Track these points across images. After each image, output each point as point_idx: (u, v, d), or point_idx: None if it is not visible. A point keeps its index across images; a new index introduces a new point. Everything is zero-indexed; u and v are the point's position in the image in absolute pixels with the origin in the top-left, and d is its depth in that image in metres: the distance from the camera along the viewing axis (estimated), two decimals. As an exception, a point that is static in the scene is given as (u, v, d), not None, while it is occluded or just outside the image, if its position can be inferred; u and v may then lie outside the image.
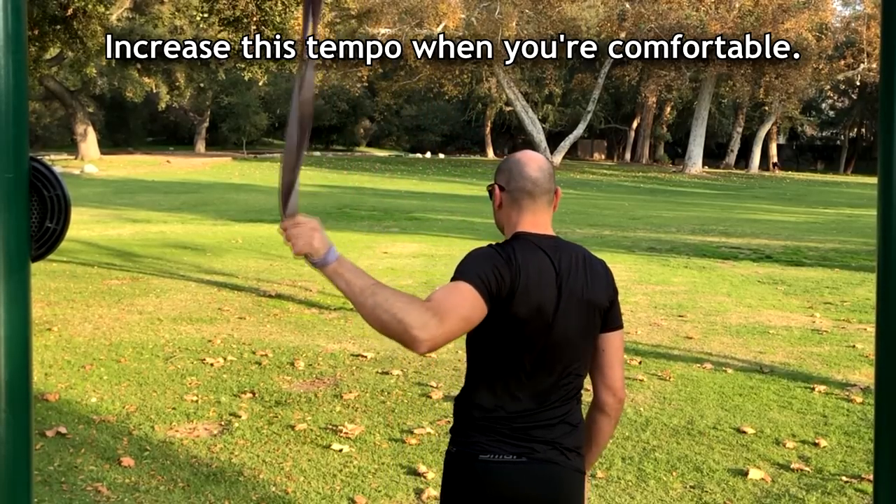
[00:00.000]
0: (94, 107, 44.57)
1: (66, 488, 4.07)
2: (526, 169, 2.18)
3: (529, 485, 2.08)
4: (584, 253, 2.24)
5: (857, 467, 4.46)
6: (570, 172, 39.31)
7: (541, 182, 2.17)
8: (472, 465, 2.09)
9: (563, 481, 2.12)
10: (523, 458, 2.07)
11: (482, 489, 2.09)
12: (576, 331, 2.14)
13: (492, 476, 2.07)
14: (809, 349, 7.08)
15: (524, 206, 2.17)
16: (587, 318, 2.17)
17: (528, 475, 2.08)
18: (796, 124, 55.38)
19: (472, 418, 2.12)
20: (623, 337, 2.26)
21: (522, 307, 2.06)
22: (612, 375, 2.23)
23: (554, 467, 2.10)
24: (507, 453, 2.07)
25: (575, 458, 2.15)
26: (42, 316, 7.75)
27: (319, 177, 31.48)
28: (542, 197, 2.17)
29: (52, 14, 13.39)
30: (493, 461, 2.07)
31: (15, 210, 1.52)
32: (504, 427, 2.09)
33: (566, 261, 2.16)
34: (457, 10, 37.86)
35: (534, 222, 2.18)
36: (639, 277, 10.72)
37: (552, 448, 2.11)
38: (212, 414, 5.20)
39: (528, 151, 2.30)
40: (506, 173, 2.22)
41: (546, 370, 2.12)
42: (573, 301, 2.13)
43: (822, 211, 24.27)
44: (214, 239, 14.10)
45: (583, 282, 2.16)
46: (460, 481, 2.12)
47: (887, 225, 1.46)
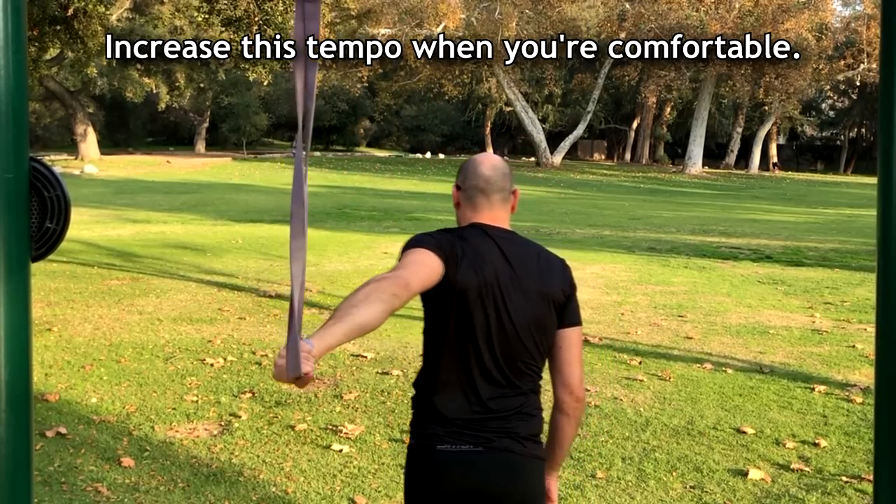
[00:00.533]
0: (94, 107, 44.55)
1: (66, 488, 4.07)
2: (480, 168, 2.26)
3: (487, 473, 2.12)
4: (540, 248, 2.29)
5: (857, 467, 4.46)
6: (569, 172, 39.30)
7: (494, 180, 2.24)
8: (431, 456, 2.13)
9: (520, 468, 2.16)
10: (480, 447, 2.11)
11: (441, 479, 2.13)
12: (527, 321, 2.16)
13: (450, 466, 2.12)
14: (809, 349, 7.08)
15: (478, 202, 2.24)
16: (540, 310, 2.19)
17: (485, 464, 2.12)
18: (796, 124, 55.38)
19: (429, 410, 2.16)
20: (581, 335, 2.28)
21: (469, 288, 2.10)
22: (570, 373, 2.23)
23: (510, 455, 2.14)
24: (464, 443, 2.11)
25: (531, 446, 2.18)
26: (42, 316, 7.75)
27: (319, 177, 31.49)
28: (495, 194, 2.24)
29: (52, 14, 13.39)
30: (450, 451, 2.11)
31: (15, 210, 1.52)
32: (460, 418, 2.13)
33: (517, 252, 2.21)
34: (457, 10, 37.85)
35: (490, 218, 2.24)
36: (639, 277, 10.72)
37: (507, 437, 2.14)
38: (212, 414, 5.19)
39: (485, 153, 2.39)
40: (462, 173, 2.29)
41: (499, 360, 2.14)
42: (524, 291, 2.17)
43: (822, 211, 24.26)
44: (214, 239, 14.10)
45: (535, 273, 2.20)
46: (420, 473, 2.17)
47: (887, 225, 1.46)
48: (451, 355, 2.15)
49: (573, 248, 13.40)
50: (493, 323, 2.13)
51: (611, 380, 6.06)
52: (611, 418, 5.20)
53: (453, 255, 2.10)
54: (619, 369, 6.35)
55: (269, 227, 16.30)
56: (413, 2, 36.76)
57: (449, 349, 2.15)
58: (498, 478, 2.13)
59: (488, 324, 2.12)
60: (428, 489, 2.16)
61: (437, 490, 2.14)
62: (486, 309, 2.12)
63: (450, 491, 2.13)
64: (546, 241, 13.19)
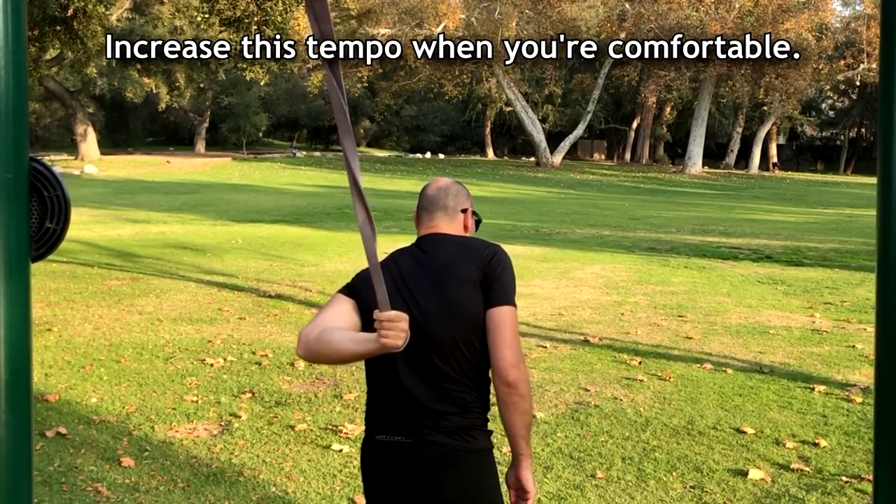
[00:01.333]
0: (94, 107, 44.55)
1: (66, 489, 4.07)
2: (426, 189, 2.41)
3: (416, 465, 2.17)
4: (462, 238, 2.34)
5: (857, 467, 4.46)
6: (569, 172, 39.31)
7: (436, 198, 2.37)
8: (370, 445, 2.24)
9: (450, 462, 2.17)
10: (410, 438, 2.17)
11: (377, 467, 2.23)
12: (437, 306, 2.18)
13: (384, 455, 2.20)
14: (809, 349, 7.08)
15: (421, 219, 2.39)
16: (451, 292, 2.19)
17: (414, 455, 2.17)
18: (796, 124, 55.39)
19: (371, 403, 2.27)
20: (510, 316, 2.19)
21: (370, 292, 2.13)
22: (497, 356, 2.18)
23: (439, 448, 2.16)
24: (398, 434, 2.18)
25: (464, 439, 2.18)
26: (42, 316, 7.75)
27: (320, 177, 31.49)
28: (437, 212, 2.36)
29: (52, 14, 13.39)
30: (385, 441, 2.20)
31: (15, 210, 1.52)
32: (395, 409, 2.20)
33: (432, 246, 2.30)
34: (457, 10, 37.84)
35: (433, 228, 2.36)
36: (639, 277, 10.72)
37: (437, 430, 2.17)
38: (212, 414, 5.19)
39: (439, 178, 2.48)
40: (419, 197, 2.43)
41: (419, 351, 2.15)
42: (432, 277, 2.21)
43: (821, 211, 24.26)
44: (214, 239, 14.10)
45: (445, 258, 2.25)
46: (364, 462, 2.28)
47: (887, 225, 1.46)
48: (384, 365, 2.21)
49: (573, 249, 13.40)
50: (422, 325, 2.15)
51: (611, 380, 6.06)
52: (611, 418, 5.20)
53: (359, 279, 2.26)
54: (619, 369, 6.35)
55: (268, 227, 16.30)
56: (413, 2, 36.75)
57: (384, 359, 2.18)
58: (427, 471, 2.17)
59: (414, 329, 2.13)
60: (370, 478, 2.26)
61: (377, 479, 2.23)
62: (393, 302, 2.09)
63: (386, 480, 2.20)
64: (546, 242, 13.23)
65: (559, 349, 6.94)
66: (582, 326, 7.77)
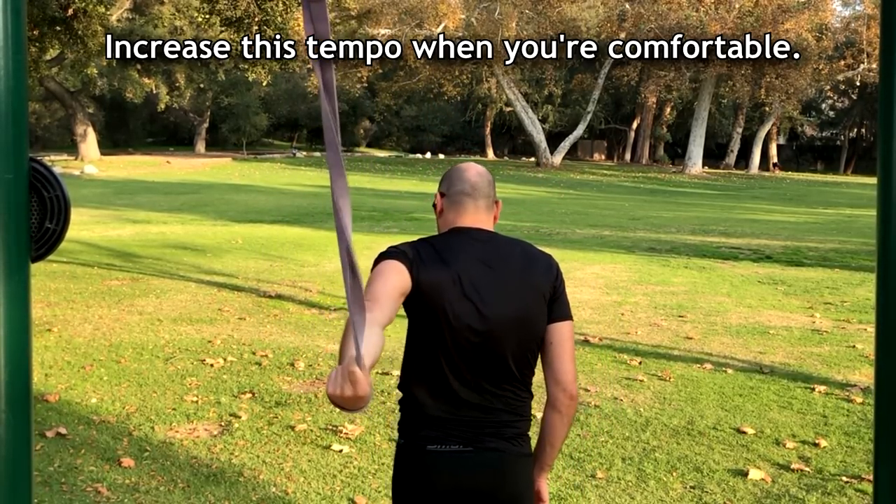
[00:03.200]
0: (93, 107, 44.55)
1: (66, 489, 4.07)
2: (466, 174, 2.27)
3: (475, 472, 2.12)
4: (524, 244, 2.29)
5: (857, 468, 4.46)
6: (569, 173, 39.31)
7: (480, 186, 2.25)
8: (421, 457, 2.13)
9: (508, 467, 2.16)
10: (469, 447, 2.11)
11: (431, 479, 2.13)
12: (508, 317, 2.14)
13: (440, 466, 2.11)
14: (809, 349, 7.08)
15: (464, 207, 2.24)
16: (524, 304, 2.17)
17: (473, 463, 2.12)
18: (796, 124, 55.37)
19: (418, 410, 2.15)
20: (572, 330, 2.24)
21: (438, 286, 2.09)
22: (562, 370, 2.20)
23: (498, 455, 2.14)
24: (454, 443, 2.11)
25: (519, 444, 2.18)
26: (42, 317, 7.75)
27: (320, 177, 31.48)
28: (481, 200, 2.24)
29: (52, 14, 13.40)
30: (440, 451, 2.11)
31: (15, 211, 1.52)
32: (449, 417, 2.13)
33: (496, 249, 2.21)
34: (457, 10, 37.85)
35: (474, 221, 2.24)
36: (639, 278, 10.72)
37: (497, 436, 2.14)
38: (212, 414, 5.19)
39: (469, 163, 2.37)
40: (446, 181, 2.30)
41: (479, 358, 2.13)
42: (504, 287, 2.15)
43: (822, 211, 24.26)
44: (214, 239, 14.10)
45: (517, 268, 2.19)
46: (410, 472, 2.16)
47: (887, 225, 1.46)
48: (430, 355, 2.13)
49: (573, 249, 13.40)
50: (473, 320, 2.10)
51: (611, 380, 6.06)
52: (611, 418, 5.20)
53: (418, 257, 2.10)
54: (619, 369, 6.35)
55: (268, 227, 16.30)
56: (413, 2, 36.75)
57: (427, 349, 2.14)
58: (485, 477, 2.13)
59: (465, 322, 2.10)
60: (418, 489, 2.15)
61: (428, 490, 2.13)
62: (461, 307, 2.10)
63: (440, 490, 2.12)
64: (546, 242, 13.22)
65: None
66: (582, 326, 7.77)
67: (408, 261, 2.09)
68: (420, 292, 2.09)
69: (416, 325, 2.17)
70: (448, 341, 2.11)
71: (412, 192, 26.52)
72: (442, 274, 2.10)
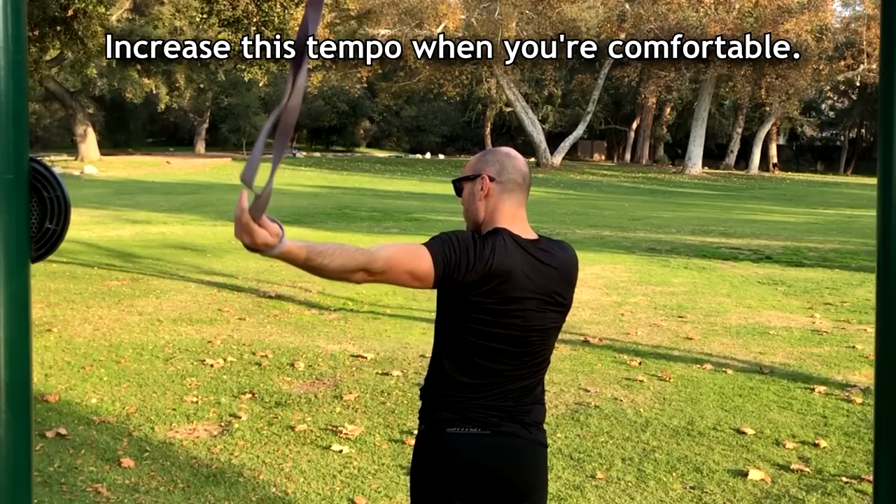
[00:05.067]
0: (93, 108, 44.58)
1: (66, 489, 4.07)
2: (517, 163, 2.32)
3: (492, 455, 2.19)
4: (572, 254, 2.38)
5: (857, 468, 4.46)
6: (569, 173, 39.31)
7: (529, 179, 2.34)
8: (441, 439, 2.19)
9: (524, 453, 2.23)
10: (487, 430, 2.18)
11: (449, 460, 2.19)
12: (546, 325, 2.26)
13: (458, 447, 2.18)
14: (809, 350, 7.08)
15: (515, 198, 2.28)
16: (561, 316, 2.32)
17: (490, 447, 2.19)
18: (796, 125, 55.39)
19: (441, 397, 2.21)
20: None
21: (496, 299, 2.14)
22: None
23: (515, 440, 2.21)
24: (472, 426, 2.18)
25: (535, 432, 2.26)
26: (42, 317, 7.75)
27: (320, 178, 31.50)
28: (527, 193, 2.34)
29: (52, 15, 13.40)
30: (459, 433, 2.18)
31: (15, 211, 1.52)
32: (471, 403, 2.19)
33: (548, 245, 2.28)
34: (456, 10, 37.88)
35: (519, 217, 2.28)
36: (639, 278, 10.72)
37: (513, 422, 2.21)
38: (212, 415, 5.19)
39: (507, 148, 2.39)
40: (495, 164, 2.29)
41: (515, 356, 2.22)
42: (552, 299, 2.25)
43: (821, 211, 24.26)
44: (214, 240, 14.10)
45: (565, 257, 2.31)
46: (429, 455, 2.22)
47: (887, 225, 1.46)
48: (469, 350, 2.18)
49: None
50: (519, 329, 2.18)
51: (611, 380, 6.06)
52: (611, 419, 5.20)
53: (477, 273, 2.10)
54: (619, 370, 6.35)
55: (268, 227, 16.28)
56: (413, 2, 36.77)
57: (468, 345, 2.18)
58: (501, 460, 2.20)
59: (513, 329, 2.18)
60: (435, 471, 2.21)
61: (444, 471, 2.19)
62: (514, 320, 2.17)
63: (457, 471, 2.18)
64: (546, 242, 13.25)
65: (559, 349, 6.93)
66: (582, 327, 7.77)
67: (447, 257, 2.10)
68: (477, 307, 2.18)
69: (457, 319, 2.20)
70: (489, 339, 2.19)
71: (412, 193, 26.52)
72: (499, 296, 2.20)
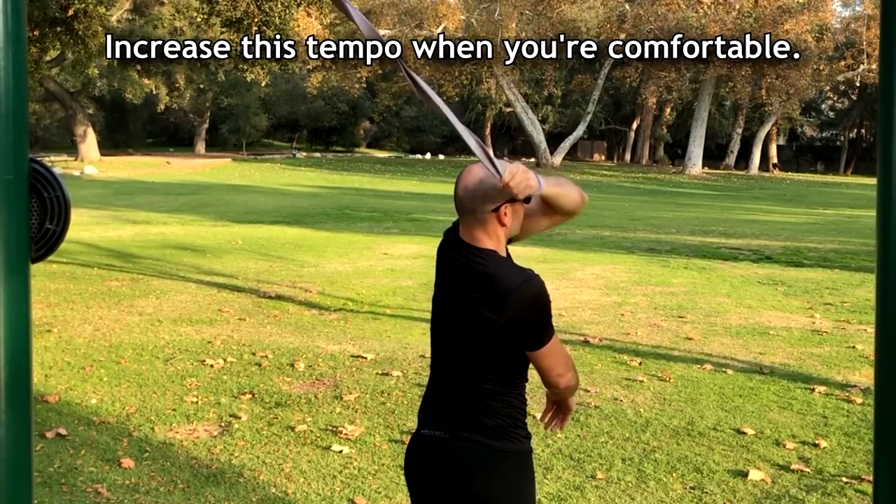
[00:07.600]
0: (93, 108, 44.54)
1: (66, 490, 4.07)
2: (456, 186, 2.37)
3: (447, 459, 2.28)
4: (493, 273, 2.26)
5: (857, 468, 4.46)
6: (569, 173, 39.30)
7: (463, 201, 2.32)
8: (415, 439, 2.38)
9: (478, 458, 2.27)
10: (447, 434, 2.29)
11: (414, 461, 2.38)
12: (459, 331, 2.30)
13: (421, 448, 2.34)
14: (809, 350, 7.08)
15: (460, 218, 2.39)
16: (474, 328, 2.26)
17: (447, 450, 2.28)
18: (796, 125, 55.36)
19: (422, 402, 2.43)
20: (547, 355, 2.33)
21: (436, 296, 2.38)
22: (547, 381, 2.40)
23: (470, 445, 2.27)
24: (438, 429, 2.30)
25: (493, 438, 2.28)
26: (42, 317, 7.75)
27: (320, 178, 31.51)
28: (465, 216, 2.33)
29: (52, 15, 13.41)
30: (426, 435, 2.33)
31: (15, 211, 1.52)
32: (438, 406, 2.34)
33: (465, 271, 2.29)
34: (456, 11, 37.87)
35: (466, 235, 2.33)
36: (639, 278, 10.72)
37: (470, 429, 2.27)
38: (212, 415, 5.19)
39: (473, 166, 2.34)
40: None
41: (453, 357, 2.32)
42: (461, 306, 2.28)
43: (821, 212, 24.26)
44: (214, 240, 14.10)
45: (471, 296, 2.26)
46: (407, 453, 2.43)
47: (887, 225, 1.46)
48: (433, 355, 2.42)
49: (573, 249, 13.40)
50: (448, 328, 2.34)
51: (611, 380, 6.06)
52: (611, 419, 5.20)
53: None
54: (619, 370, 6.35)
55: (268, 228, 16.30)
56: (413, 2, 36.78)
57: (432, 349, 2.42)
58: (455, 464, 2.27)
59: (445, 329, 2.35)
60: (406, 468, 2.43)
61: (410, 472, 2.39)
62: (442, 316, 2.36)
63: (418, 473, 2.36)
64: (545, 242, 13.22)
65: (559, 350, 6.93)
66: (582, 327, 7.77)
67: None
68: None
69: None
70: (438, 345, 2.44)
71: (412, 193, 26.51)
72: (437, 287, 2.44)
